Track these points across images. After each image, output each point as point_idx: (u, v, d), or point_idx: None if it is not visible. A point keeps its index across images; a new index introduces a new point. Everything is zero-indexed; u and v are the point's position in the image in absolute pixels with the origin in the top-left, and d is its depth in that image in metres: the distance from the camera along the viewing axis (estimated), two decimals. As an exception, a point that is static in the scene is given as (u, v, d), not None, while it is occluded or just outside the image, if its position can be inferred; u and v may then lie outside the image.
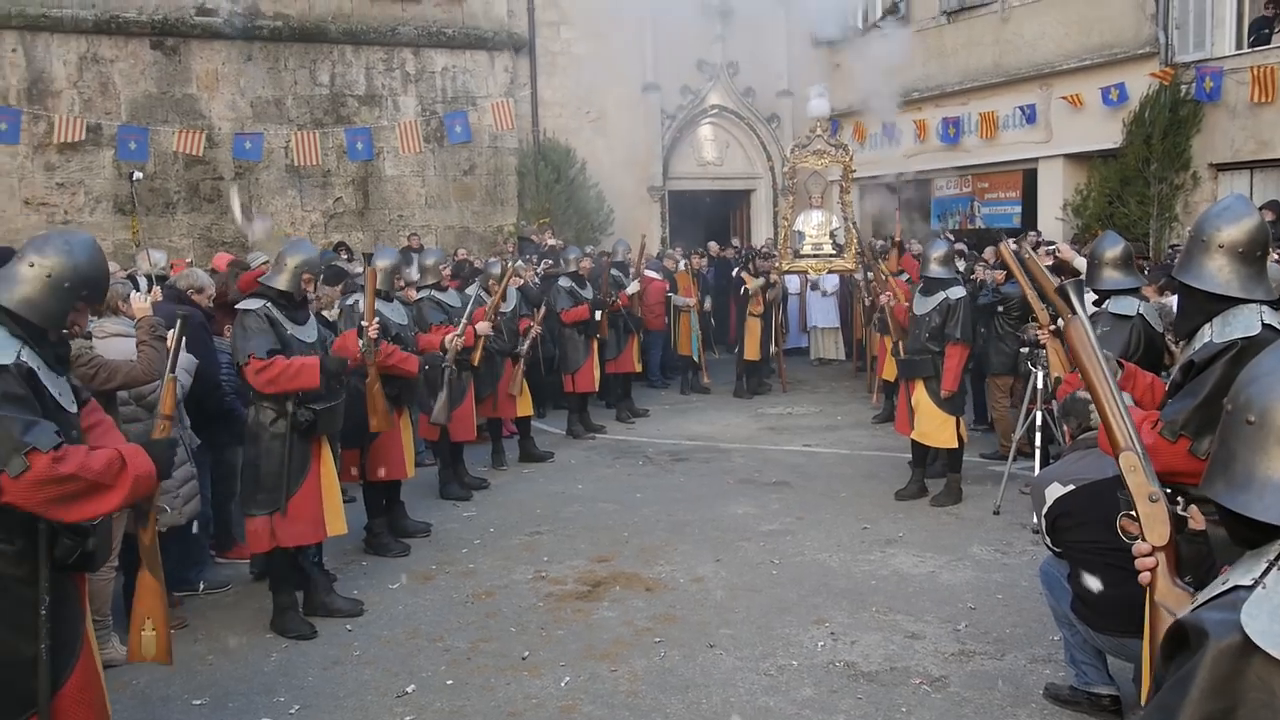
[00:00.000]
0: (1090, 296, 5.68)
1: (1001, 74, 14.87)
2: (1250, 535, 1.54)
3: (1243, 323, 2.95)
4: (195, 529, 5.76)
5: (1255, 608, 1.43)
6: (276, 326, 5.11)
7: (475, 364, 7.99)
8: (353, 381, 5.92)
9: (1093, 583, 3.90)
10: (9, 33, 12.56)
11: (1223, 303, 2.99)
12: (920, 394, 7.45)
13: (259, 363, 5.02)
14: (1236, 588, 1.49)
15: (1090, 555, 3.91)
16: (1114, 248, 5.01)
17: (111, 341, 5.12)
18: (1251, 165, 12.37)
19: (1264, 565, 1.49)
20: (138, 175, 12.61)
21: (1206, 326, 3.03)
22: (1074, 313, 2.32)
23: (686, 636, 5.11)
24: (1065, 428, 4.66)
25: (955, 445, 7.47)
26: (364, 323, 5.85)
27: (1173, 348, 4.74)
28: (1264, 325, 2.93)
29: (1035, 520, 4.35)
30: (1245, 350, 2.87)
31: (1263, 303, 2.99)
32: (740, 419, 11.00)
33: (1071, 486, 4.07)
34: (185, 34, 13.40)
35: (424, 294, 8.07)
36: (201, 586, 5.96)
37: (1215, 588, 1.57)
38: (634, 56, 16.45)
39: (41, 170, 12.77)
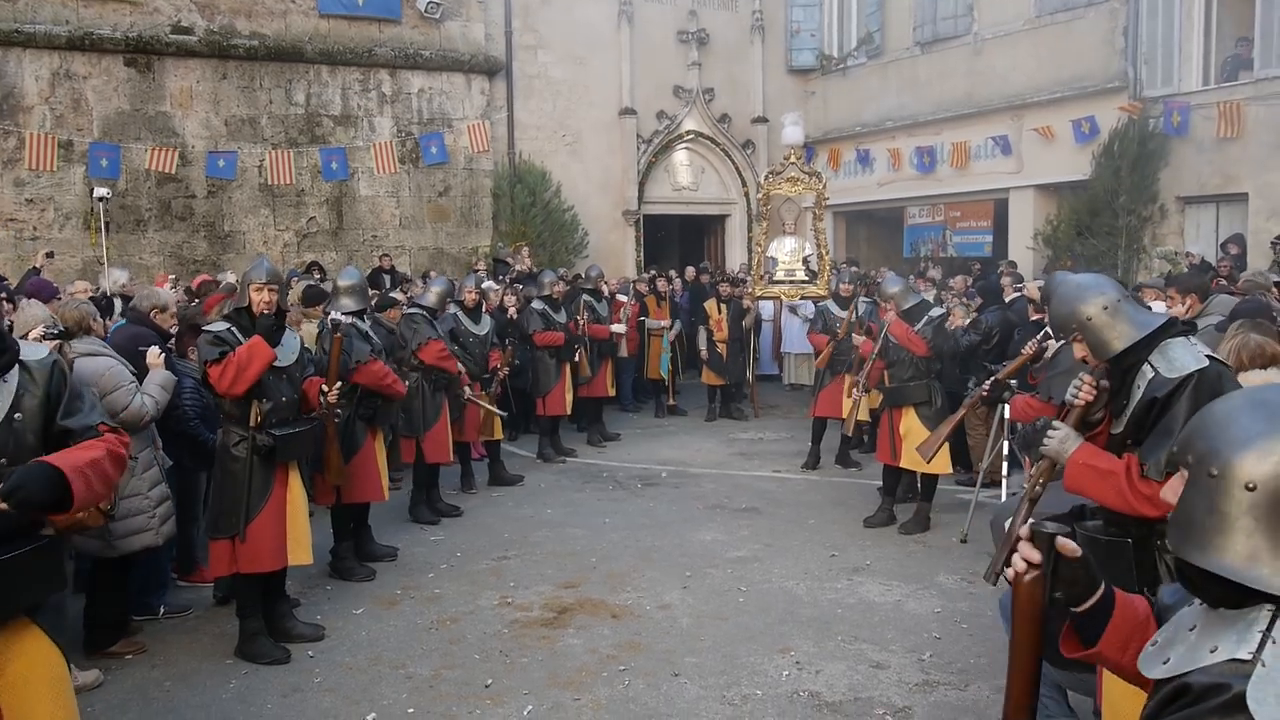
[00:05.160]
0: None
1: (974, 105, 15.06)
2: (1225, 595, 1.52)
3: (1189, 355, 3.11)
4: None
5: (1260, 690, 1.40)
6: (235, 346, 5.05)
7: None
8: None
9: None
10: (-20, 48, 12.47)
11: (1144, 348, 3.19)
12: (911, 420, 7.44)
13: (214, 369, 4.96)
14: (1233, 660, 1.45)
15: None
16: None
17: (83, 361, 5.07)
18: (1217, 199, 12.58)
19: (1257, 636, 1.45)
20: (101, 193, 12.49)
21: (1146, 366, 3.17)
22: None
23: (651, 665, 5.08)
24: (1026, 458, 4.69)
25: (949, 470, 7.53)
26: (324, 386, 5.56)
27: None
28: (1208, 357, 3.12)
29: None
30: (1200, 382, 3.02)
31: (1183, 333, 3.24)
32: (711, 444, 11.00)
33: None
34: (160, 52, 13.32)
35: (414, 310, 8.18)
36: (161, 611, 5.86)
37: (1200, 653, 1.52)
38: (611, 81, 16.55)
39: (10, 186, 12.62)
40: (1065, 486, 3.29)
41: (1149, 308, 6.65)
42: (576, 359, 10.28)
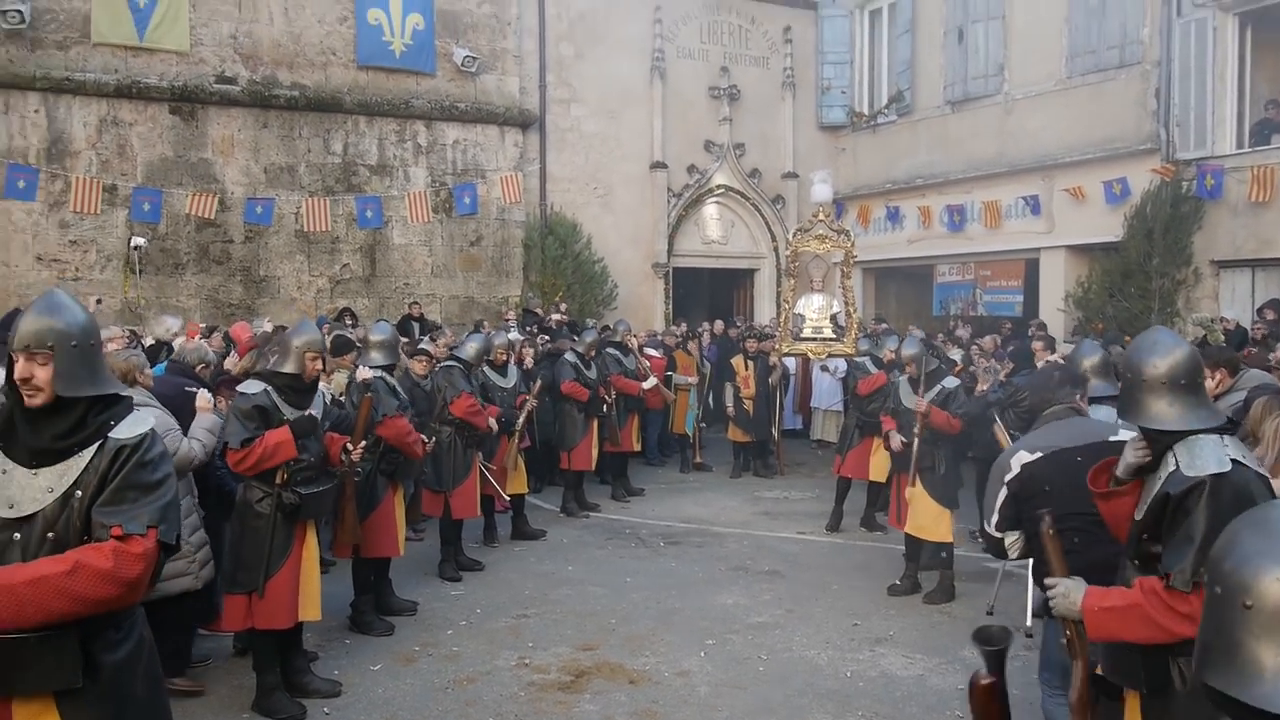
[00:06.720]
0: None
1: (1004, 164, 15.06)
2: None
3: (1212, 456, 2.88)
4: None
5: None
6: (269, 414, 5.10)
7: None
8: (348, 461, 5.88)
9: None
10: (32, 94, 12.77)
11: (1176, 435, 2.97)
12: (915, 486, 7.42)
13: (235, 454, 5.04)
14: None
15: (1061, 525, 3.64)
16: (1092, 356, 5.04)
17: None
18: (1253, 264, 12.46)
19: None
20: (138, 241, 12.83)
21: (1169, 455, 2.96)
22: None
23: (667, 735, 5.03)
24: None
25: (950, 539, 7.42)
26: (348, 444, 5.65)
27: None
28: (1233, 461, 2.87)
29: (987, 513, 4.12)
30: (1216, 489, 2.82)
31: (1222, 432, 2.97)
32: (736, 502, 10.94)
33: (1040, 454, 3.96)
34: (204, 100, 13.64)
35: (451, 362, 8.29)
36: (181, 661, 5.88)
37: None
38: (642, 135, 16.73)
39: (55, 228, 12.91)
40: (1090, 639, 3.00)
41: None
42: (605, 412, 10.34)
